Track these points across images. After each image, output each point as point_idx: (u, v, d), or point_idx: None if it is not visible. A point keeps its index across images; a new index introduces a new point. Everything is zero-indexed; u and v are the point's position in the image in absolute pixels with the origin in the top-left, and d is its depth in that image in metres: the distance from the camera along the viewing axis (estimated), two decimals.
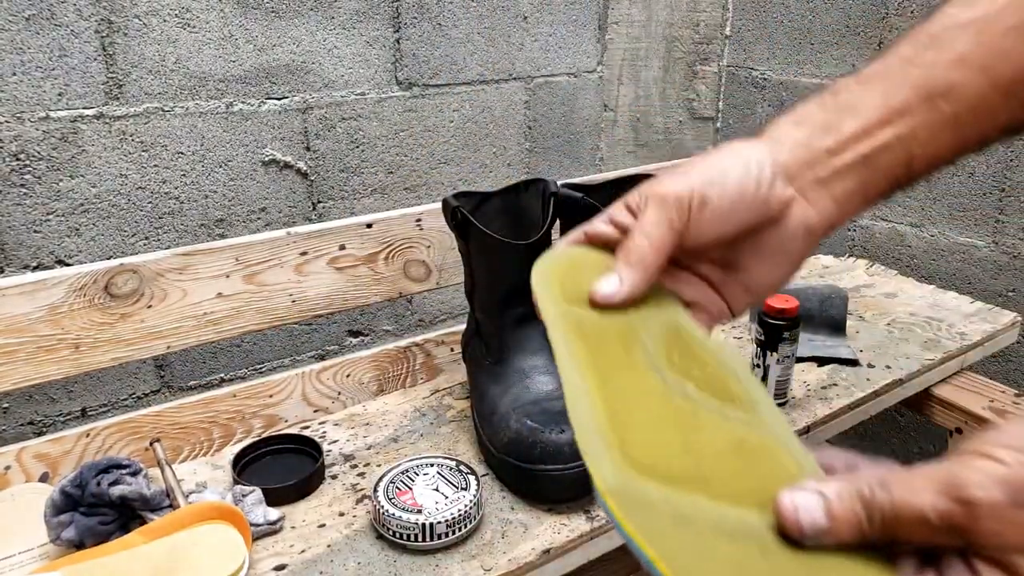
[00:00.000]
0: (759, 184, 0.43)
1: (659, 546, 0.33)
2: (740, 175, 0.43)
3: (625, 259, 0.44)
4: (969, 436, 0.92)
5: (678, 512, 0.35)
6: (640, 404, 0.39)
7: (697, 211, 0.42)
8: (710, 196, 0.42)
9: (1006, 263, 1.12)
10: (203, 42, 1.00)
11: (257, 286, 0.82)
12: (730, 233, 0.44)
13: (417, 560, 0.62)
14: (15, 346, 0.69)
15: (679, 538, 0.34)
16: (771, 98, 1.38)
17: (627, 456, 0.36)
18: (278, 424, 0.83)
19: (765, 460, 0.39)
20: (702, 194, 0.42)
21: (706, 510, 0.35)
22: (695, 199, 0.42)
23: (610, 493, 0.34)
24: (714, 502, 0.36)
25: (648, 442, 0.38)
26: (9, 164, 0.92)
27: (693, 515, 0.35)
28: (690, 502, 0.36)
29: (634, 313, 0.45)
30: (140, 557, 0.57)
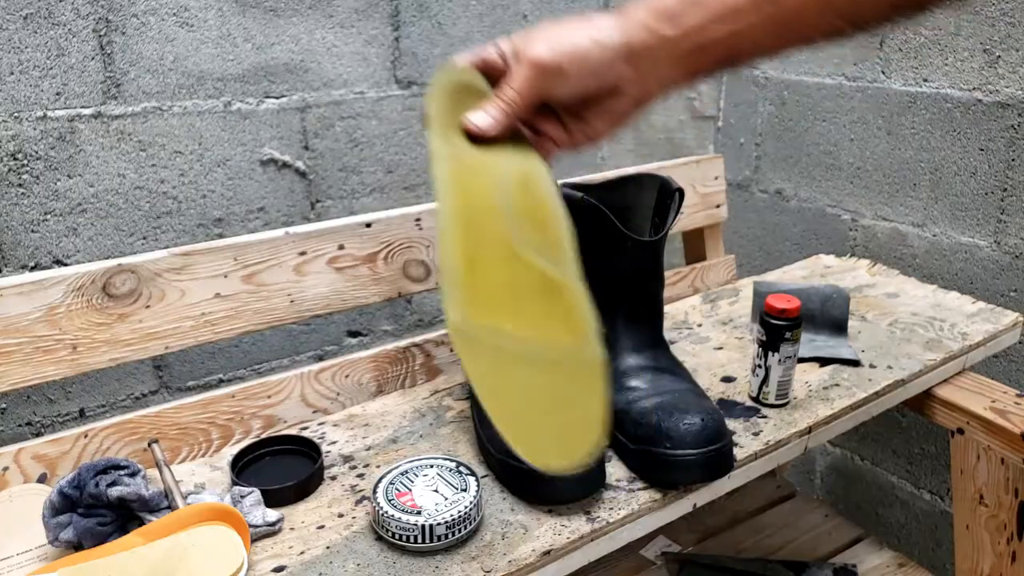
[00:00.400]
0: (605, 65, 0.54)
1: (476, 371, 0.47)
2: (592, 55, 0.54)
3: (497, 103, 0.58)
4: (971, 436, 0.92)
5: (495, 344, 0.48)
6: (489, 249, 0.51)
7: (555, 79, 0.55)
8: (568, 69, 0.54)
9: (1008, 263, 1.12)
10: (201, 41, 1.00)
11: (255, 286, 0.81)
12: (578, 97, 0.57)
13: (417, 561, 0.61)
14: (13, 347, 0.69)
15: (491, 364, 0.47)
16: (771, 97, 1.38)
17: (472, 297, 0.48)
18: (277, 425, 0.83)
19: (557, 297, 0.51)
20: (561, 67, 0.55)
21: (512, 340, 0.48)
22: (557, 70, 0.55)
23: (454, 330, 0.47)
24: (519, 331, 0.49)
25: (486, 283, 0.49)
26: (7, 164, 0.91)
27: (503, 345, 0.48)
28: (504, 333, 0.48)
29: (501, 153, 0.58)
30: (138, 558, 0.57)
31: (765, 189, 1.43)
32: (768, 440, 0.76)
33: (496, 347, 0.48)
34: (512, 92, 0.57)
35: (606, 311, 0.78)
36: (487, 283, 0.50)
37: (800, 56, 1.31)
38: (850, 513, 1.41)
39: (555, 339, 0.50)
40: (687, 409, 0.68)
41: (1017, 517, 0.90)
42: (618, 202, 0.81)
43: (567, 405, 0.49)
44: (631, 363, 0.76)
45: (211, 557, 0.57)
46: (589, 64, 0.54)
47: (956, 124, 1.13)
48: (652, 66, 0.54)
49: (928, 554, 1.30)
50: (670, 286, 1.17)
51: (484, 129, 0.58)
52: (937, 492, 1.26)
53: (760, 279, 1.13)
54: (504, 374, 0.48)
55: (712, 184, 1.23)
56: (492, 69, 0.61)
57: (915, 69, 1.17)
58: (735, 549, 1.14)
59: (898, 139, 1.21)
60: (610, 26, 0.55)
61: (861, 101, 1.25)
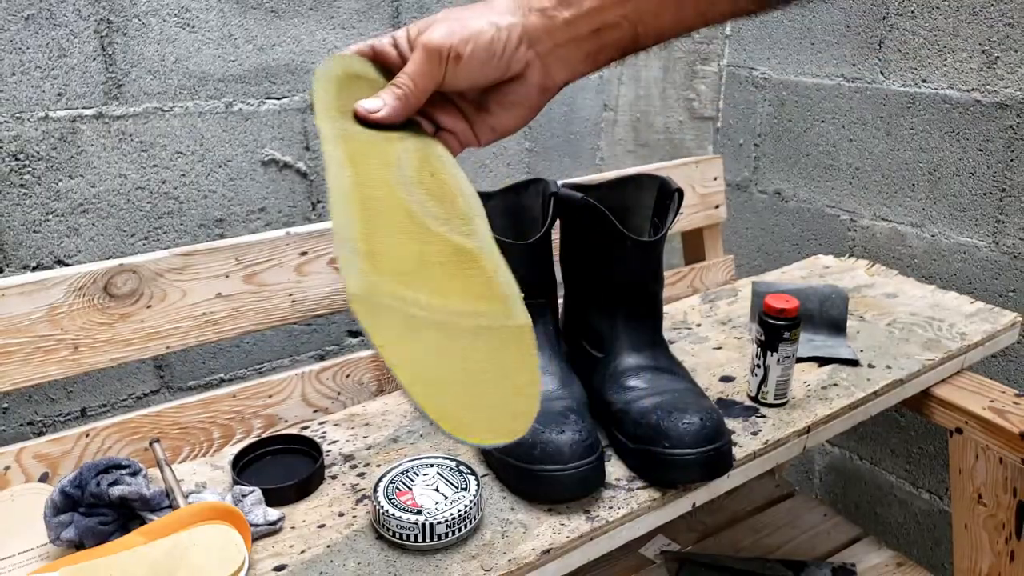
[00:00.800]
0: (505, 48, 0.52)
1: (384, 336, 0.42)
2: (491, 39, 0.52)
3: (391, 90, 0.55)
4: (969, 436, 0.92)
5: (405, 311, 0.44)
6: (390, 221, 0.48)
7: (452, 65, 0.52)
8: (464, 54, 0.52)
9: (1007, 263, 1.12)
10: (202, 42, 1.00)
11: (257, 286, 0.81)
12: (479, 84, 0.54)
13: (417, 560, 0.62)
14: (14, 346, 0.69)
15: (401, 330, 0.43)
16: (771, 98, 1.38)
17: (374, 263, 0.45)
18: (278, 424, 0.83)
19: (471, 265, 0.49)
20: (459, 51, 0.52)
21: (423, 305, 0.45)
22: (452, 54, 0.52)
23: (355, 299, 0.43)
24: (431, 297, 0.45)
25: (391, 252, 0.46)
26: (8, 164, 0.91)
27: (415, 312, 0.44)
28: (415, 300, 0.45)
29: (396, 135, 0.54)
30: (140, 557, 0.57)
31: (764, 190, 1.44)
32: (767, 439, 0.76)
33: (408, 315, 0.44)
34: (405, 79, 0.54)
35: (606, 311, 0.78)
36: (391, 252, 0.46)
37: (799, 56, 1.31)
38: (849, 512, 1.41)
39: (477, 306, 0.47)
40: (686, 409, 0.68)
41: (1015, 516, 0.91)
42: (617, 202, 0.81)
43: (497, 374, 0.45)
44: (630, 363, 0.76)
45: (212, 556, 0.57)
46: (488, 49, 0.52)
47: (955, 125, 1.14)
48: (553, 50, 0.53)
49: (927, 553, 1.30)
50: (669, 286, 1.17)
51: (376, 115, 0.55)
52: (936, 491, 1.26)
53: (759, 279, 1.13)
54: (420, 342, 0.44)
55: (711, 185, 1.23)
56: (386, 60, 0.58)
57: (914, 70, 1.17)
58: (734, 548, 1.14)
59: (897, 140, 1.21)
60: (509, 10, 0.53)
61: (860, 102, 1.25)
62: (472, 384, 0.44)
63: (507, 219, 0.82)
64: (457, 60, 0.52)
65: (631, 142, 1.51)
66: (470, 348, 0.45)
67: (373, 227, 0.47)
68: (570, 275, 0.84)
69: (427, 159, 0.54)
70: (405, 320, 0.44)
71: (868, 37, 1.22)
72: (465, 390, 0.44)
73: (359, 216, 0.47)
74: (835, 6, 1.24)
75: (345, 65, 0.57)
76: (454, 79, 0.53)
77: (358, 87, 0.56)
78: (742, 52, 1.41)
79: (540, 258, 0.77)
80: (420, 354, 0.43)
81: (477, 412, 0.44)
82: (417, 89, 0.54)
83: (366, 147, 0.52)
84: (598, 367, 0.78)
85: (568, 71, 0.54)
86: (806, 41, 1.30)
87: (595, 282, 0.79)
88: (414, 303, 0.45)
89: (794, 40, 1.32)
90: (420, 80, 0.53)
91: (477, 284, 0.48)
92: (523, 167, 1.38)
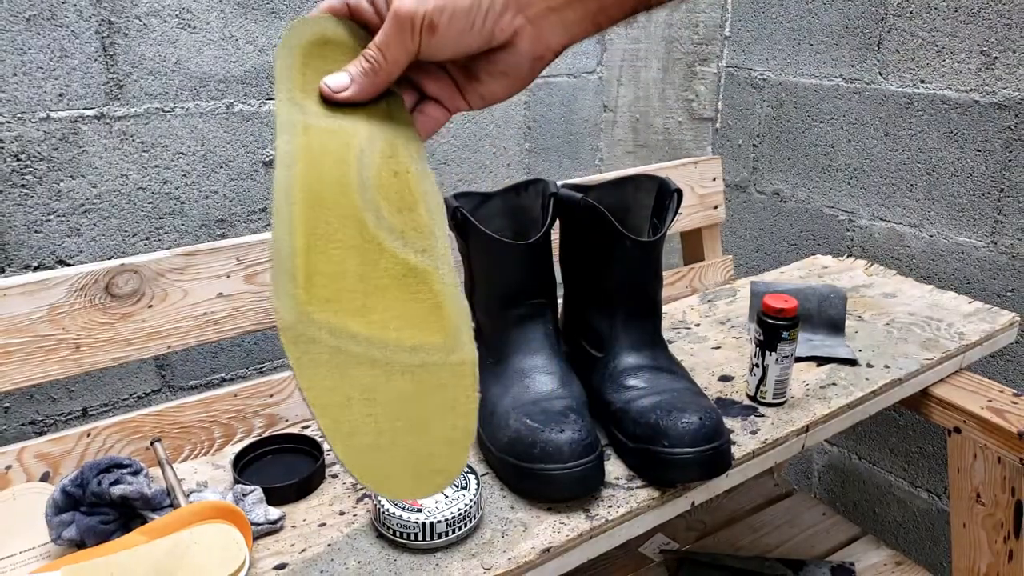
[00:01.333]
0: (487, 16, 0.46)
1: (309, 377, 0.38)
2: (469, 6, 0.45)
3: (360, 64, 0.48)
4: (968, 435, 0.93)
5: (336, 344, 0.40)
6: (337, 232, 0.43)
7: (427, 35, 0.46)
8: (440, 23, 0.45)
9: (1005, 263, 1.12)
10: (203, 43, 1.00)
11: (258, 286, 0.82)
12: (460, 55, 0.48)
13: (417, 559, 0.62)
14: (16, 346, 0.69)
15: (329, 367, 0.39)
16: (770, 98, 1.38)
17: (310, 290, 0.40)
18: (279, 424, 0.84)
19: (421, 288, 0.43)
20: (432, 20, 0.45)
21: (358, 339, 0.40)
22: (426, 23, 0.46)
23: (284, 331, 0.39)
24: (368, 330, 0.41)
25: (331, 273, 0.41)
26: (10, 164, 0.92)
27: (346, 346, 0.40)
28: (349, 333, 0.40)
29: (363, 121, 0.48)
30: (141, 556, 0.57)
31: (763, 190, 1.44)
32: (766, 439, 0.77)
33: (339, 349, 0.40)
34: (374, 51, 0.47)
35: (605, 311, 0.79)
36: (331, 273, 0.41)
37: (799, 57, 1.32)
38: (848, 511, 1.41)
39: (417, 339, 0.42)
40: (685, 408, 0.68)
41: (1014, 515, 0.91)
42: (617, 203, 0.82)
43: (427, 420, 0.41)
44: (630, 362, 0.76)
45: (213, 555, 0.58)
46: (467, 18, 0.46)
47: (953, 125, 1.14)
48: (546, 14, 0.47)
49: (925, 552, 1.30)
50: (668, 286, 1.17)
51: (342, 95, 0.48)
52: (934, 491, 1.27)
53: (757, 279, 1.14)
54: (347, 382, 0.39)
55: (710, 185, 1.24)
56: (363, 18, 0.52)
57: (912, 71, 1.17)
58: (733, 547, 1.14)
59: (895, 140, 1.22)
60: None
61: (858, 102, 1.25)
62: (400, 433, 0.40)
63: (507, 219, 0.82)
64: (432, 30, 0.45)
65: (630, 143, 1.52)
66: (403, 390, 0.41)
67: (315, 241, 0.42)
68: (570, 275, 0.84)
69: (394, 152, 0.48)
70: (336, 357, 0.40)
71: (867, 38, 1.22)
72: (391, 441, 0.40)
73: (301, 228, 0.42)
74: (834, 7, 1.25)
75: (313, 30, 0.50)
76: (430, 50, 0.47)
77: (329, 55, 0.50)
78: (741, 53, 1.41)
79: (540, 258, 0.78)
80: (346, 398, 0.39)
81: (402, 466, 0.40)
82: (388, 63, 0.47)
83: (324, 138, 0.46)
84: (598, 367, 0.78)
85: (565, 35, 0.48)
86: (805, 42, 1.30)
87: (595, 282, 0.79)
88: (349, 336, 0.40)
89: (793, 41, 1.32)
90: (391, 52, 0.47)
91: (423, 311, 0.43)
92: (523, 167, 1.38)
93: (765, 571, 1.07)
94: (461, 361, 0.43)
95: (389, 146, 0.48)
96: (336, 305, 0.40)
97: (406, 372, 0.41)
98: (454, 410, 0.42)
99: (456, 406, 0.42)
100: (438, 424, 0.41)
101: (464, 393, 0.42)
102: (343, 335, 0.40)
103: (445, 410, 0.41)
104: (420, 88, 0.52)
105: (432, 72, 0.51)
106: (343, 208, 0.43)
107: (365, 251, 0.43)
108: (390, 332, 0.41)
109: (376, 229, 0.44)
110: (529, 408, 0.70)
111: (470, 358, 0.43)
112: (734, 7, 1.40)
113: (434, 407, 0.41)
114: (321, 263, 0.41)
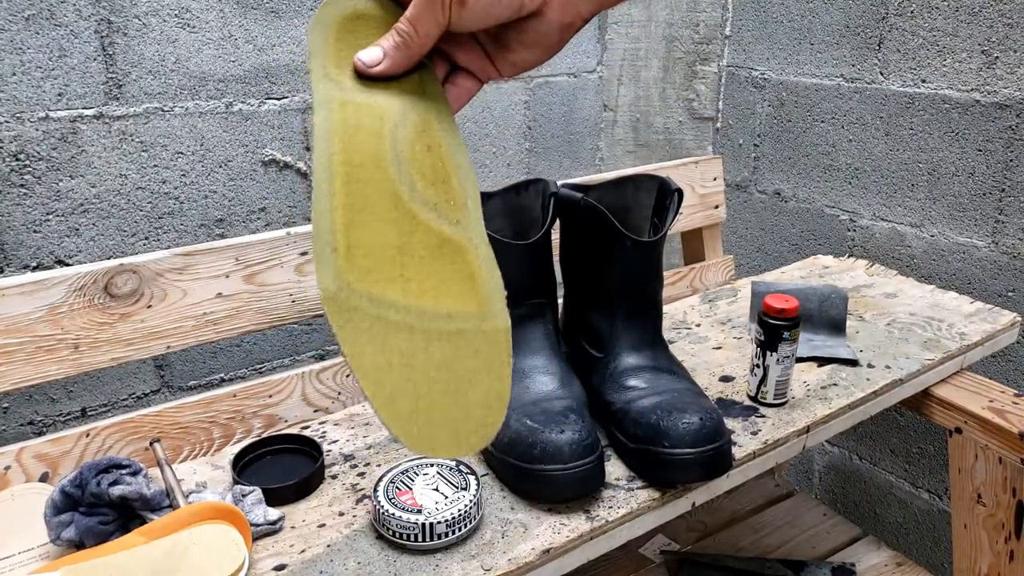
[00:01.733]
0: None
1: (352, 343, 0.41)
2: None
3: (392, 38, 0.49)
4: (969, 436, 0.92)
5: (376, 312, 0.42)
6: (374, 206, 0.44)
7: (457, 7, 0.47)
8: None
9: (1006, 263, 1.12)
10: (203, 42, 1.00)
11: (257, 286, 0.82)
12: (490, 24, 0.49)
13: (417, 560, 0.62)
14: (15, 346, 0.69)
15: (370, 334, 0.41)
16: (771, 98, 1.38)
17: (350, 261, 0.42)
18: (278, 424, 0.83)
19: (455, 259, 0.46)
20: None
21: (397, 307, 0.43)
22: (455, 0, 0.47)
23: (327, 300, 0.41)
24: (406, 299, 0.43)
25: (370, 245, 0.43)
26: (9, 164, 0.92)
27: (386, 314, 0.42)
28: (388, 302, 0.42)
29: (396, 95, 0.49)
30: (140, 557, 0.57)
31: (764, 190, 1.44)
32: (766, 439, 0.77)
33: (379, 317, 0.42)
34: (406, 24, 0.49)
35: (606, 311, 0.78)
36: (370, 245, 0.43)
37: (799, 56, 1.31)
38: (848, 512, 1.41)
39: (452, 307, 0.44)
40: (686, 408, 0.68)
41: (1015, 516, 0.91)
42: (617, 203, 0.81)
43: (464, 384, 0.43)
44: (630, 362, 0.76)
45: (212, 556, 0.57)
46: None
47: (954, 125, 1.14)
48: None
49: (926, 553, 1.30)
50: (669, 286, 1.17)
51: (376, 70, 0.49)
52: (935, 491, 1.26)
53: (758, 279, 1.13)
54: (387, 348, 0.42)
55: (711, 185, 1.23)
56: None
57: (913, 70, 1.17)
58: (734, 548, 1.14)
59: (896, 140, 1.21)
60: None
61: (859, 102, 1.25)
62: (438, 396, 0.43)
63: (507, 219, 0.82)
64: (462, 2, 0.47)
65: (631, 142, 1.52)
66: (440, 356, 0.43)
67: (354, 216, 0.44)
68: (570, 275, 0.84)
69: (427, 127, 0.49)
70: (376, 324, 0.42)
71: (867, 37, 1.22)
72: (430, 403, 0.42)
73: (341, 202, 0.44)
74: (835, 6, 1.25)
75: (345, 5, 0.52)
76: (461, 22, 0.48)
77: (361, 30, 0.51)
78: (742, 52, 1.41)
79: (540, 258, 0.77)
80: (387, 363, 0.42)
81: (441, 427, 0.42)
82: (419, 36, 0.49)
83: (360, 112, 0.47)
84: (598, 367, 0.78)
85: (595, 1, 0.49)
86: (806, 41, 1.30)
87: (595, 282, 0.79)
88: (388, 304, 0.42)
89: (794, 40, 1.32)
90: (422, 25, 0.48)
91: (458, 281, 0.45)
92: (523, 167, 1.38)
93: (766, 572, 1.07)
94: (495, 329, 0.45)
95: (422, 120, 0.49)
96: (375, 275, 0.42)
97: (442, 338, 0.43)
98: (489, 374, 0.44)
99: (491, 370, 0.44)
100: (474, 388, 0.43)
101: (498, 358, 0.45)
102: (382, 303, 0.42)
103: (480, 375, 0.44)
104: (451, 59, 0.53)
105: (463, 43, 0.52)
106: (379, 182, 0.45)
107: (401, 223, 0.44)
108: (427, 300, 0.43)
109: (411, 202, 0.45)
110: (529, 408, 0.70)
111: (503, 325, 0.45)
112: (735, 6, 1.40)
113: (469, 372, 0.44)
114: (360, 235, 0.43)
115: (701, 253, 1.25)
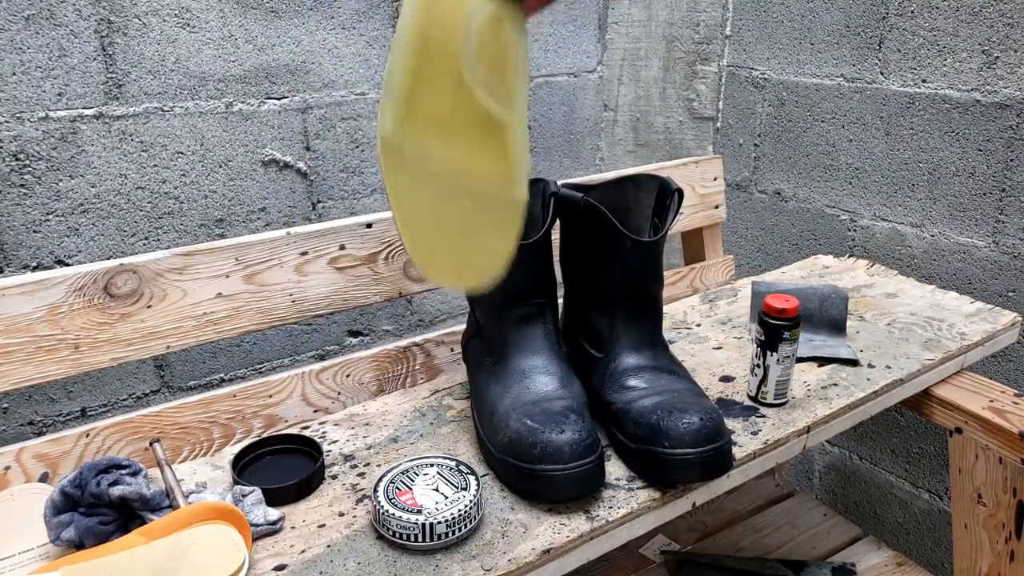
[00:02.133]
0: None
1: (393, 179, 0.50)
2: None
3: None
4: (969, 436, 0.92)
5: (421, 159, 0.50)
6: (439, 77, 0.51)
7: None
8: None
9: (1006, 263, 1.12)
10: (203, 42, 1.00)
11: (257, 286, 0.82)
12: None
13: (417, 560, 0.62)
14: (15, 346, 0.69)
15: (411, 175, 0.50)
16: (771, 98, 1.38)
17: (410, 112, 0.50)
18: (278, 424, 0.83)
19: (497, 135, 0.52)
20: None
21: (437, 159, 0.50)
22: None
23: (384, 140, 0.50)
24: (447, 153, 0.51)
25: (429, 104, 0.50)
26: (9, 164, 0.92)
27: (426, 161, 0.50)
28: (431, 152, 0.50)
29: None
30: (140, 557, 0.57)
31: (764, 190, 1.44)
32: (767, 439, 0.77)
33: (421, 162, 0.50)
34: None
35: (606, 311, 0.78)
36: (428, 103, 0.51)
37: (799, 56, 1.31)
38: (849, 512, 1.41)
39: (484, 171, 0.51)
40: (686, 408, 0.68)
41: (1015, 516, 0.91)
42: (617, 203, 0.81)
43: (477, 235, 0.52)
44: (630, 362, 0.76)
45: (212, 556, 0.57)
46: None
47: (955, 125, 1.14)
48: None
49: (927, 553, 1.30)
50: (669, 286, 1.17)
51: None
52: (935, 491, 1.26)
53: (759, 279, 1.13)
54: (422, 190, 0.50)
55: (711, 185, 1.23)
56: None
57: (914, 70, 1.17)
58: (734, 548, 1.14)
59: (897, 140, 1.21)
60: None
61: (860, 102, 1.25)
62: (455, 237, 0.52)
63: None
64: None
65: (631, 142, 1.52)
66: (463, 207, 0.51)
67: (422, 77, 0.50)
68: (570, 275, 0.84)
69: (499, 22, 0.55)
70: (416, 166, 0.50)
71: (868, 37, 1.22)
72: (446, 241, 0.52)
73: (411, 65, 0.50)
74: (835, 6, 1.25)
75: None
76: None
77: None
78: (742, 52, 1.41)
79: (540, 258, 0.77)
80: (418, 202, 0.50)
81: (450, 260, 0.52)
82: None
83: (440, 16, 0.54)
84: (598, 367, 0.78)
85: None
86: (806, 41, 1.30)
87: (595, 282, 0.79)
88: (430, 155, 0.50)
89: (794, 40, 1.32)
90: None
91: (493, 152, 0.52)
92: None
93: (766, 572, 1.07)
94: (514, 199, 0.52)
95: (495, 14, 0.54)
96: (427, 128, 0.50)
97: (469, 194, 0.51)
98: (499, 234, 0.52)
99: (502, 232, 0.52)
100: (484, 241, 0.52)
101: (511, 223, 0.53)
102: (426, 152, 0.50)
103: (492, 232, 0.52)
104: None
105: None
106: (448, 55, 0.51)
107: (458, 96, 0.51)
108: (464, 160, 0.51)
109: (471, 79, 0.52)
110: (529, 408, 0.70)
111: (521, 199, 0.53)
112: (735, 6, 1.40)
113: (485, 227, 0.52)
114: (423, 95, 0.50)
115: (701, 253, 1.25)
